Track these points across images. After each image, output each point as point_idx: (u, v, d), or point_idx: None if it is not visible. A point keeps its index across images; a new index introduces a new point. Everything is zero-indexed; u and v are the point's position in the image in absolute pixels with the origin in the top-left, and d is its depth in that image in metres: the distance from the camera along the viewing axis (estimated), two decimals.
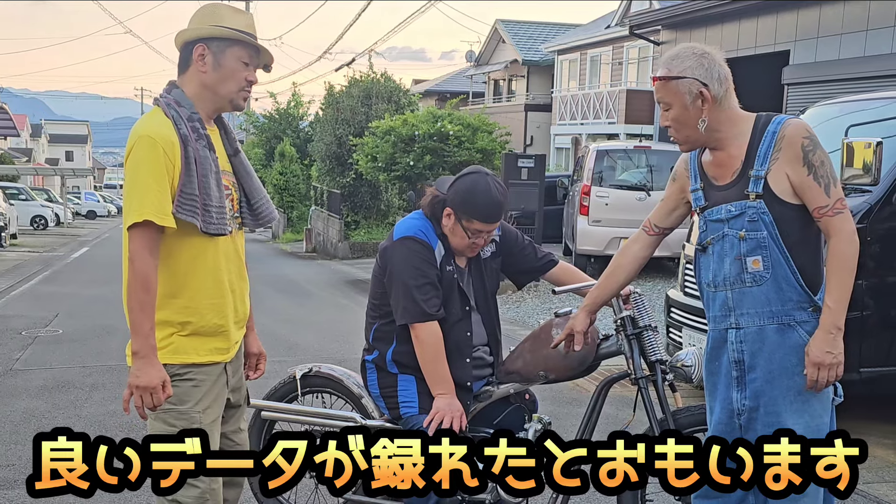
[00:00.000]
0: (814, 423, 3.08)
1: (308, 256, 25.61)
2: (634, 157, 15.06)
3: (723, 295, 3.20)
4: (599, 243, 14.08)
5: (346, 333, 10.16)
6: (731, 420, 3.23)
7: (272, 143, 35.81)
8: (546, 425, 4.04)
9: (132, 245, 2.93)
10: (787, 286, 3.06)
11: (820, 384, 3.01)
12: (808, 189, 3.01)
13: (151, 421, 3.14)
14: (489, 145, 20.21)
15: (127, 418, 6.39)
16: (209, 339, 3.12)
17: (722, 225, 3.15)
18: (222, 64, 3.09)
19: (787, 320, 3.08)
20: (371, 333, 3.99)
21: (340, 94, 25.99)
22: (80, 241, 32.37)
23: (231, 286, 3.19)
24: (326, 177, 26.29)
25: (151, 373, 2.95)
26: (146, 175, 2.92)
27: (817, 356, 2.98)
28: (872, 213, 5.76)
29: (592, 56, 34.37)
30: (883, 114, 6.32)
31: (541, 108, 37.59)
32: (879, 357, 5.89)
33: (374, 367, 3.98)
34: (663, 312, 7.50)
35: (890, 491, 5.07)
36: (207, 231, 3.03)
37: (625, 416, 3.93)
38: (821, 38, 14.23)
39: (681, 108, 3.08)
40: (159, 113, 3.05)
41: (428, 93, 43.14)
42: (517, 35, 40.13)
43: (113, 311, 11.73)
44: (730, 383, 3.22)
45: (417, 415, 3.80)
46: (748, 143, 3.08)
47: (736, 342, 3.18)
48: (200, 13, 3.16)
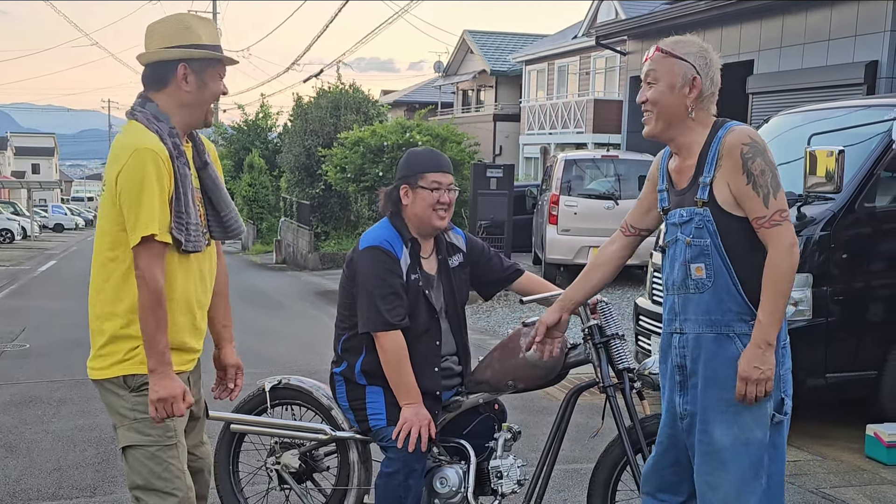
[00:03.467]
0: (743, 437, 3.03)
1: (278, 268, 25.52)
2: (602, 166, 15.14)
3: (671, 299, 3.20)
4: (569, 252, 14.13)
5: (316, 345, 10.13)
6: (675, 423, 3.23)
7: (241, 155, 35.66)
8: (516, 434, 4.07)
9: (141, 262, 2.92)
10: (728, 296, 3.03)
11: (748, 398, 2.97)
12: (747, 199, 2.96)
13: (124, 431, 3.10)
14: (458, 155, 20.25)
15: (95, 433, 6.35)
16: (175, 351, 3.10)
17: (676, 229, 3.15)
18: (205, 81, 3.09)
19: (725, 331, 3.04)
20: (340, 344, 3.98)
21: (309, 105, 25.97)
22: (47, 254, 32.09)
23: (198, 303, 3.20)
24: (296, 188, 26.24)
25: (171, 385, 2.96)
26: (151, 189, 2.91)
27: (745, 371, 2.94)
28: (836, 221, 5.83)
29: (560, 66, 34.54)
30: (845, 122, 6.39)
31: (509, 118, 37.70)
32: (845, 362, 5.96)
33: (343, 379, 3.97)
34: (632, 320, 7.55)
35: (857, 495, 5.12)
36: (186, 249, 3.04)
37: (594, 424, 3.96)
38: (784, 47, 14.39)
39: (668, 87, 3.05)
40: (141, 128, 3.01)
41: (397, 103, 43.17)
42: (485, 46, 40.25)
43: (81, 324, 11.60)
44: (673, 387, 3.22)
45: (386, 426, 3.81)
46: (701, 149, 3.07)
47: (679, 347, 3.17)
48: (172, 29, 3.09)
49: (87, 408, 7.13)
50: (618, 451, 3.77)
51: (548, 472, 3.88)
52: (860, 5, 12.69)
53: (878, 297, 6.03)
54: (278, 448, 4.25)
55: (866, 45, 12.54)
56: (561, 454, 4.00)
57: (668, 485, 3.32)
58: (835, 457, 5.82)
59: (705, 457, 3.10)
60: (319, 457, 4.29)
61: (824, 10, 13.39)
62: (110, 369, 3.08)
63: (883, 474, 5.47)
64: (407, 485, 3.73)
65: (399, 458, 3.73)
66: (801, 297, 5.76)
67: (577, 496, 4.91)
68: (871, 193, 5.97)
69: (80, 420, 6.77)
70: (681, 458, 3.26)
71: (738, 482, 3.03)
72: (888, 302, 6.03)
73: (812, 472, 5.50)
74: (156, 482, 3.07)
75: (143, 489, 3.08)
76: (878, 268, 6.05)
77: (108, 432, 6.35)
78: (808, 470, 5.55)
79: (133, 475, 3.10)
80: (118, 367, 3.07)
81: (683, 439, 3.21)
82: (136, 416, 3.05)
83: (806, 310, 5.79)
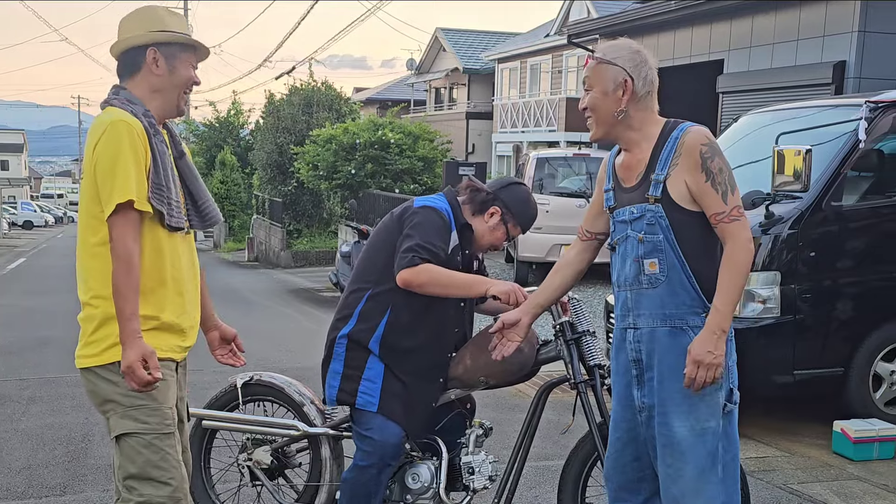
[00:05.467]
0: (699, 427, 3.10)
1: (250, 265, 25.43)
2: (574, 164, 15.21)
3: (624, 295, 3.24)
4: (541, 250, 14.17)
5: (288, 342, 10.12)
6: (634, 417, 3.27)
7: (212, 152, 35.49)
8: (487, 431, 4.09)
9: (115, 230, 2.89)
10: (682, 290, 3.10)
11: (697, 382, 3.03)
12: (706, 196, 3.05)
13: (118, 419, 3.02)
14: (430, 153, 20.29)
15: (65, 432, 6.32)
16: (169, 335, 3.09)
17: (626, 226, 3.20)
18: (175, 66, 3.12)
19: (679, 324, 3.11)
20: (361, 305, 3.82)
21: (281, 103, 25.91)
22: (16, 251, 31.80)
23: (190, 289, 3.19)
24: (268, 185, 26.17)
25: (129, 354, 2.87)
26: (126, 159, 2.90)
27: (698, 354, 3.00)
28: (804, 219, 5.90)
29: (532, 64, 34.62)
30: (813, 122, 6.46)
31: (482, 116, 37.72)
32: (812, 359, 6.03)
33: (347, 341, 3.83)
34: (603, 318, 7.60)
35: (824, 490, 5.18)
36: (170, 224, 3.03)
37: (565, 421, 3.99)
38: (754, 47, 14.50)
39: (601, 92, 3.15)
40: (117, 108, 3.01)
41: (369, 101, 43.11)
42: (458, 43, 40.25)
43: (51, 322, 11.56)
44: (630, 381, 3.26)
45: (374, 413, 3.74)
46: (653, 148, 3.14)
47: (634, 342, 3.22)
48: (141, 17, 3.14)
49: (58, 406, 7.09)
50: (588, 446, 3.80)
51: (519, 468, 3.91)
52: (828, 6, 12.81)
53: (845, 295, 6.10)
54: (250, 444, 4.25)
55: (834, 46, 12.66)
56: (532, 450, 4.03)
57: (630, 482, 3.36)
58: (802, 453, 5.89)
59: (665, 448, 3.15)
60: (291, 453, 4.29)
61: (793, 11, 13.50)
62: (102, 355, 3.00)
63: (850, 470, 5.54)
64: (378, 480, 3.73)
65: (375, 451, 3.70)
66: (769, 294, 5.83)
67: (548, 492, 4.94)
68: (838, 192, 6.04)
69: (50, 418, 6.73)
70: (641, 453, 3.31)
71: (698, 471, 3.10)
72: (855, 299, 6.12)
73: (780, 468, 5.57)
74: (152, 471, 3.01)
75: (138, 478, 3.01)
76: (845, 266, 6.12)
77: (79, 431, 6.32)
78: (776, 466, 5.61)
79: (127, 464, 3.02)
80: (111, 351, 2.99)
81: (643, 433, 3.25)
82: (133, 402, 2.98)
83: (774, 307, 5.85)
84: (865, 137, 5.99)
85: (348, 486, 3.77)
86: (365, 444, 3.75)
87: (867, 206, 6.31)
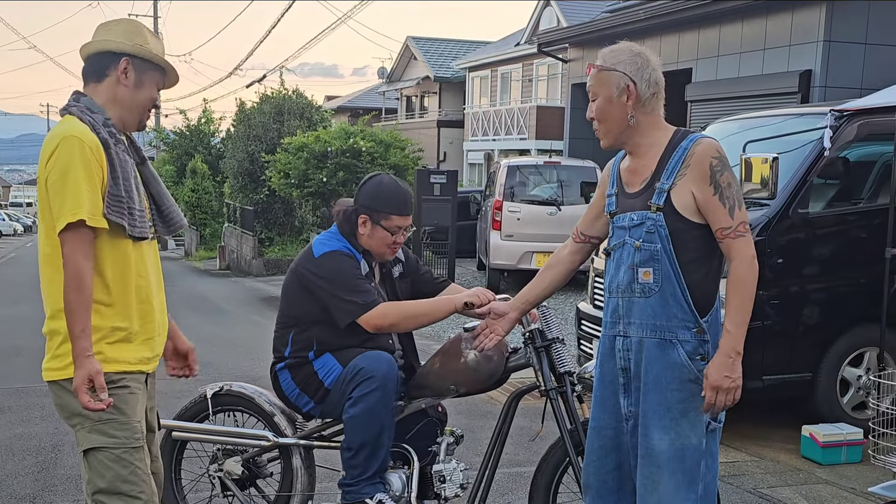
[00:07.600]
0: (678, 442, 3.08)
1: (222, 274, 25.30)
2: (545, 172, 15.26)
3: (615, 301, 3.22)
4: (512, 258, 14.20)
5: (259, 351, 10.08)
6: (620, 424, 3.26)
7: (183, 160, 35.29)
8: (458, 438, 4.10)
9: (66, 248, 2.86)
10: (674, 302, 3.06)
11: (718, 408, 3.01)
12: (714, 209, 3.02)
13: (86, 434, 2.99)
14: (402, 161, 20.28)
15: (34, 442, 6.26)
16: (137, 346, 3.06)
17: (624, 232, 3.18)
18: (143, 82, 3.11)
19: (669, 336, 3.07)
20: (289, 340, 3.97)
21: (252, 111, 25.80)
22: None
23: (157, 297, 3.17)
24: (239, 193, 26.05)
25: (78, 373, 2.83)
26: (77, 175, 2.87)
27: (716, 380, 2.97)
28: (771, 226, 5.96)
29: (503, 73, 34.74)
30: (779, 130, 6.54)
31: (453, 124, 37.80)
32: (781, 365, 6.09)
33: (286, 367, 3.98)
34: (574, 325, 7.63)
35: (793, 494, 5.23)
36: (133, 234, 3.00)
37: (536, 427, 4.00)
38: (721, 56, 14.63)
39: (606, 100, 3.12)
40: (74, 119, 2.99)
41: (340, 109, 43.06)
42: (429, 52, 40.32)
43: (20, 331, 11.44)
44: (617, 389, 3.25)
45: (342, 370, 3.83)
46: (660, 155, 3.11)
47: (623, 350, 3.21)
48: (125, 27, 3.15)
49: (27, 416, 7.03)
50: (559, 453, 3.82)
51: (490, 475, 3.92)
52: (794, 16, 12.95)
53: (812, 301, 6.17)
54: (221, 455, 4.24)
55: (800, 55, 12.80)
56: (503, 457, 4.04)
57: (609, 491, 3.34)
58: (771, 457, 5.94)
59: (644, 458, 3.14)
60: (262, 463, 4.28)
61: (759, 20, 13.64)
62: (68, 368, 2.94)
63: (818, 474, 5.59)
64: (386, 403, 3.75)
65: (371, 376, 3.72)
66: None
67: (520, 499, 4.96)
68: (805, 199, 6.11)
69: (20, 429, 6.67)
70: (623, 462, 3.29)
71: (673, 487, 3.08)
72: (822, 305, 6.19)
73: (749, 473, 5.61)
74: (121, 485, 2.97)
75: (107, 493, 2.98)
76: (812, 272, 6.18)
77: (48, 441, 6.27)
78: (746, 470, 5.66)
79: (96, 479, 2.98)
80: None
81: (628, 441, 3.24)
82: (101, 416, 2.93)
83: None
84: (831, 146, 6.07)
85: (358, 419, 3.76)
86: (358, 380, 3.76)
87: (833, 213, 6.40)
